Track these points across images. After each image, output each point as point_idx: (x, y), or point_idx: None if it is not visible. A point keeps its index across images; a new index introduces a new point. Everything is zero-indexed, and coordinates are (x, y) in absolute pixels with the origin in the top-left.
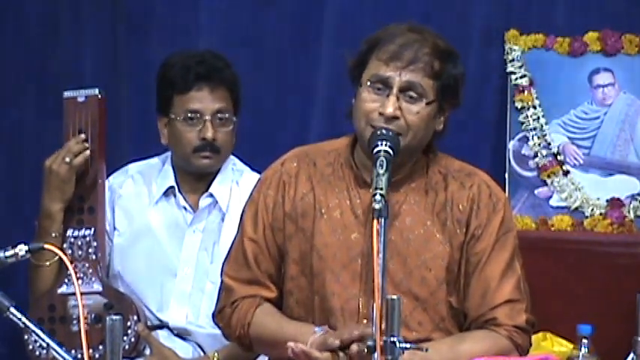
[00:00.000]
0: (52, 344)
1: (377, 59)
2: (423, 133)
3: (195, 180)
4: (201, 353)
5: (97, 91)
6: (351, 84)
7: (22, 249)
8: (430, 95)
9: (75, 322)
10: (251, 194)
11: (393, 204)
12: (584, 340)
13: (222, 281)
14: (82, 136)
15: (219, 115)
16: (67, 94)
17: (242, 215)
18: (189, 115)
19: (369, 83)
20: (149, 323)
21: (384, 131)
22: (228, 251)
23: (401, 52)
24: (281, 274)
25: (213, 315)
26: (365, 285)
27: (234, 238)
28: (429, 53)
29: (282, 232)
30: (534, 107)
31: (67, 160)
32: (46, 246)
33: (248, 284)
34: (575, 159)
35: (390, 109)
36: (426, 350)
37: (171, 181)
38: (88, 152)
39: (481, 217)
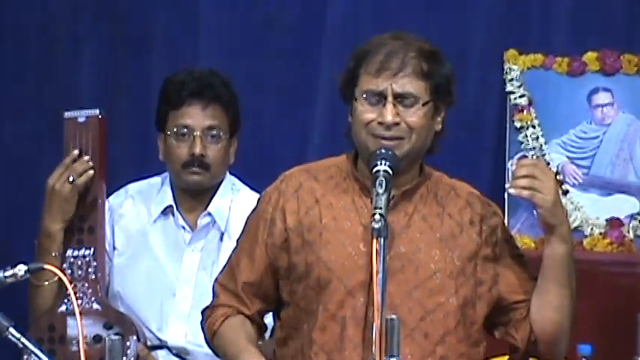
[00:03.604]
0: None
1: (366, 73)
2: (425, 133)
3: (193, 199)
4: None
5: (97, 111)
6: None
7: (21, 269)
8: (425, 97)
9: (74, 342)
10: (252, 210)
11: (402, 216)
12: None
13: (213, 285)
14: (86, 157)
15: (210, 131)
16: (67, 114)
17: (243, 228)
18: (180, 130)
19: (364, 96)
20: (148, 343)
21: (383, 150)
22: (227, 259)
23: (388, 60)
24: (267, 288)
25: (201, 314)
26: (372, 294)
27: (234, 248)
28: (415, 56)
29: (284, 248)
30: (533, 127)
31: (71, 179)
32: (46, 266)
33: (230, 294)
34: (575, 178)
35: (389, 117)
36: None
37: (169, 200)
38: (91, 172)
39: (493, 232)
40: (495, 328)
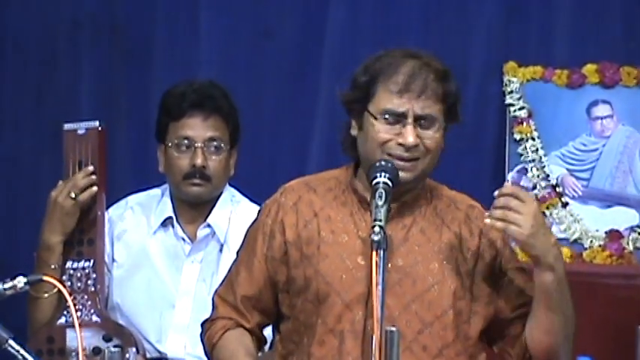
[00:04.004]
0: None
1: (386, 91)
2: (438, 155)
3: (193, 210)
4: None
5: (97, 123)
6: (348, 115)
7: (20, 281)
8: (441, 119)
9: (74, 354)
10: (252, 222)
11: (400, 228)
12: None
13: (213, 297)
14: (91, 168)
15: (211, 142)
16: (67, 126)
17: (242, 240)
18: (181, 141)
19: (382, 114)
20: (147, 355)
21: (382, 162)
22: (227, 271)
23: (410, 82)
24: (266, 301)
25: (201, 326)
26: (371, 307)
27: (234, 260)
28: (434, 79)
29: (284, 262)
30: (533, 139)
31: (73, 195)
32: (45, 278)
33: (229, 307)
34: (574, 190)
35: (410, 139)
36: None
37: (169, 212)
38: (95, 189)
39: (493, 246)
40: (494, 343)
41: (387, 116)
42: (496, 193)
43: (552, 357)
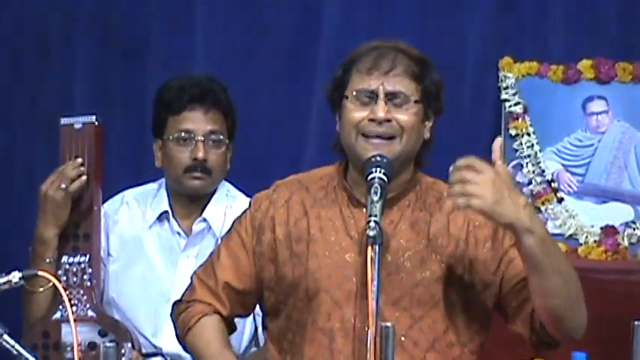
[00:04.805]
0: None
1: (358, 73)
2: (415, 135)
3: (189, 204)
4: None
5: (93, 118)
6: (332, 111)
7: (15, 276)
8: (415, 96)
9: (69, 349)
10: (242, 212)
11: (387, 224)
12: None
13: (191, 277)
14: (79, 160)
15: (211, 136)
16: (63, 120)
17: (230, 227)
18: (181, 135)
19: (354, 93)
20: (143, 350)
21: (378, 158)
22: (210, 254)
23: (379, 60)
24: (251, 298)
25: (173, 305)
26: (360, 304)
27: (218, 245)
28: (406, 57)
29: (271, 259)
30: (528, 134)
31: (63, 186)
32: (40, 272)
33: (209, 292)
34: (570, 186)
35: (381, 113)
36: None
37: (165, 206)
38: (84, 178)
39: (482, 232)
40: (506, 321)
41: (359, 96)
42: (451, 168)
43: (558, 320)
